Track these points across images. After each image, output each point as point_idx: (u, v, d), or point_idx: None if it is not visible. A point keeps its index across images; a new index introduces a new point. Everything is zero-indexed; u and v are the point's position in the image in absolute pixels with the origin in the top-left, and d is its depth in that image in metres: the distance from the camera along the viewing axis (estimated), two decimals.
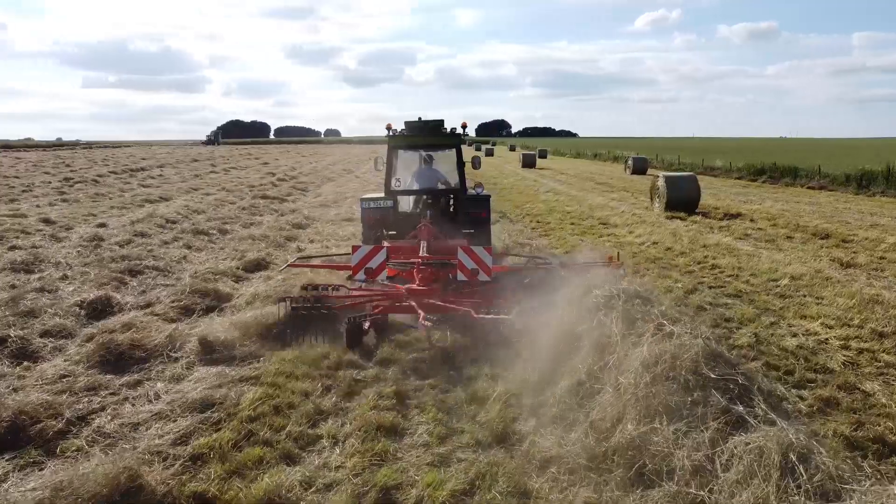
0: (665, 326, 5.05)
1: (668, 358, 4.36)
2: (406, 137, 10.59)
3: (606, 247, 14.76)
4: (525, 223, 19.46)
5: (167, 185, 32.78)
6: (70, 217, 20.03)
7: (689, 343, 4.50)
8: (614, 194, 28.15)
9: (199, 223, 18.37)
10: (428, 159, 11.01)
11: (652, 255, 13.74)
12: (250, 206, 22.84)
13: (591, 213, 21.25)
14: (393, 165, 10.62)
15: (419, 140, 10.63)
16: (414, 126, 10.49)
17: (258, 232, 16.58)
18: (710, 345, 4.51)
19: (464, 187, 10.56)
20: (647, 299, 6.12)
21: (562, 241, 15.87)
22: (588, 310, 6.10)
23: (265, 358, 7.17)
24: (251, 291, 10.00)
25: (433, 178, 10.88)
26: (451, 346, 7.53)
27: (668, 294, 10.17)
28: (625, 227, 18.19)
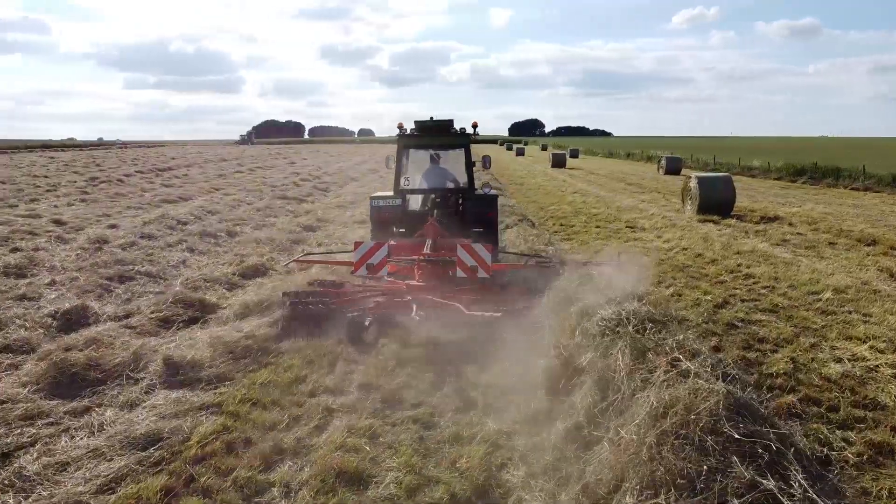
0: (680, 363, 4.16)
1: (681, 409, 3.47)
2: (415, 137, 10.58)
3: (632, 253, 13.79)
4: (547, 226, 18.52)
5: (189, 185, 32.48)
6: (83, 218, 19.68)
7: (707, 389, 3.60)
8: (645, 196, 26.99)
9: (210, 225, 17.83)
10: (435, 158, 10.96)
11: (680, 262, 12.72)
12: (266, 207, 22.27)
13: (619, 216, 20.21)
14: (402, 164, 10.60)
15: (428, 140, 10.64)
16: (423, 126, 10.50)
17: (267, 235, 15.97)
18: (734, 393, 3.60)
19: (472, 186, 10.54)
20: (663, 323, 5.22)
21: (584, 245, 14.91)
22: (593, 336, 5.23)
23: (235, 381, 6.44)
24: (241, 301, 9.31)
25: (442, 178, 10.83)
26: (444, 369, 6.71)
27: (695, 308, 9.20)
28: (653, 230, 17.14)
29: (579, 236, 16.41)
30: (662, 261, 12.87)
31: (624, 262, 9.99)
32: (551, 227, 18.18)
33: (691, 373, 3.97)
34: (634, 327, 5.11)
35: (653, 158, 55.12)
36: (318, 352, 7.28)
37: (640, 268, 9.60)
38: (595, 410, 4.32)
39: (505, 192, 29.03)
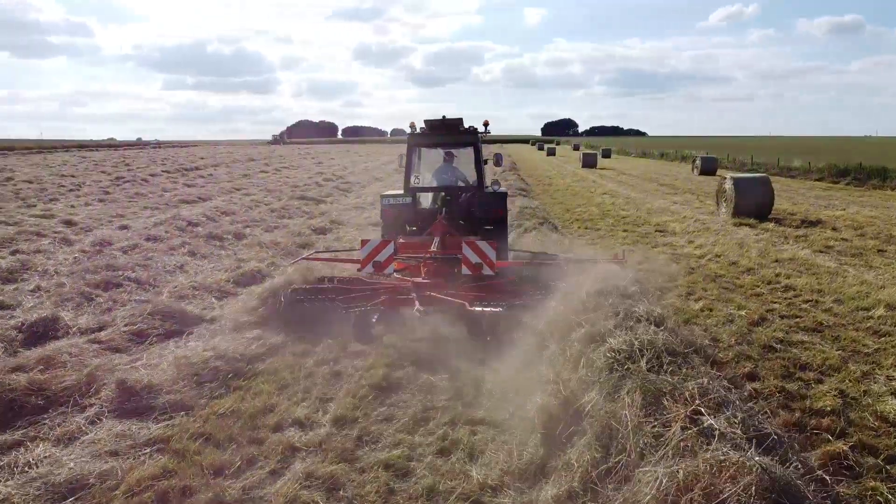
0: (702, 417, 3.25)
1: (700, 495, 2.57)
2: (424, 136, 10.53)
3: (660, 260, 12.78)
4: (572, 229, 17.54)
5: (212, 184, 32.14)
6: (96, 218, 19.28)
7: (736, 463, 2.69)
8: (677, 197, 25.78)
9: (221, 227, 17.24)
10: (447, 157, 10.93)
11: (712, 271, 11.67)
12: (282, 208, 21.66)
13: (649, 219, 19.12)
14: (412, 163, 10.57)
15: (437, 138, 10.60)
16: (433, 125, 10.44)
17: (275, 238, 15.30)
18: (772, 470, 2.68)
19: (481, 185, 10.43)
20: (684, 357, 4.31)
21: (609, 251, 13.91)
22: (599, 369, 4.33)
23: (194, 410, 5.67)
24: (225, 313, 8.59)
25: (452, 176, 10.78)
26: (432, 399, 5.86)
27: (727, 326, 8.20)
28: (684, 235, 16.06)
29: (605, 241, 15.40)
30: (693, 269, 11.84)
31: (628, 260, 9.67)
32: (575, 231, 17.20)
33: (716, 433, 3.06)
34: (648, 362, 4.20)
35: (687, 158, 53.45)
36: (296, 373, 6.50)
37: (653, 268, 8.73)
38: (594, 474, 3.44)
39: (531, 193, 28.07)
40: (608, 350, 4.49)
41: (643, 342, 4.45)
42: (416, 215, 10.22)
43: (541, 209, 20.24)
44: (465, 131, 10.44)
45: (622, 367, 4.21)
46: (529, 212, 17.76)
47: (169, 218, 18.41)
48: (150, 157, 61.89)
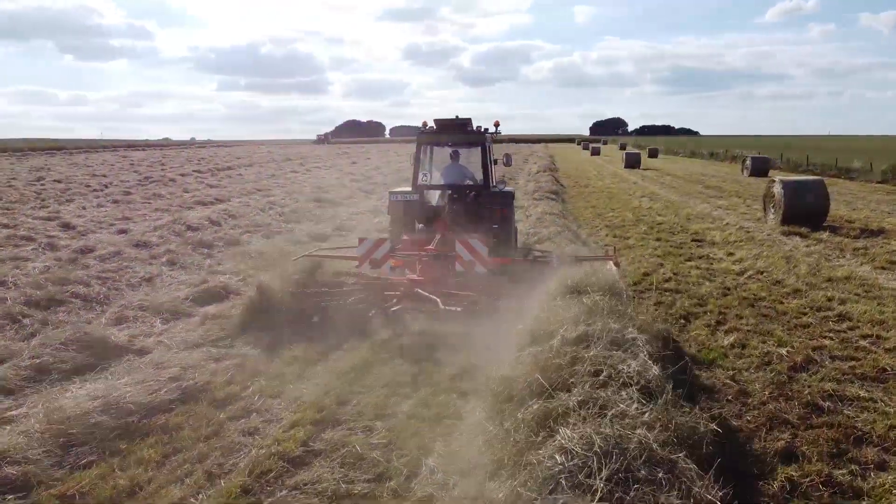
0: None
1: None
2: (433, 134, 10.71)
3: (691, 277, 11.10)
4: (598, 237, 15.90)
5: (237, 185, 31.38)
6: (99, 221, 18.49)
7: None
8: (722, 201, 23.76)
9: (219, 232, 16.20)
10: (454, 156, 10.96)
11: (752, 292, 9.95)
12: (293, 211, 20.57)
13: (686, 226, 17.31)
14: (420, 161, 10.63)
15: (445, 137, 10.75)
16: (442, 124, 10.66)
17: (272, 245, 14.09)
18: None
19: (487, 184, 10.43)
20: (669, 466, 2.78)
21: (633, 264, 12.27)
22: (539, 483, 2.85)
23: (35, 490, 4.36)
24: (162, 341, 7.34)
25: (460, 175, 10.83)
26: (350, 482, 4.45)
27: (761, 371, 6.56)
28: (724, 245, 14.25)
29: (632, 252, 13.73)
30: (728, 290, 10.12)
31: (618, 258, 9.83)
32: (602, 239, 15.55)
33: None
34: (610, 479, 2.68)
35: (737, 158, 50.71)
36: (199, 432, 5.17)
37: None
38: None
39: (563, 195, 26.39)
40: (558, 450, 2.99)
41: (609, 442, 2.93)
42: (423, 212, 10.32)
43: (566, 214, 18.62)
44: (472, 131, 10.55)
45: (568, 487, 2.71)
46: (550, 219, 16.14)
47: (170, 221, 17.47)
48: (189, 157, 62.04)
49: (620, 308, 5.97)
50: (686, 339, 7.70)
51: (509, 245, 10.23)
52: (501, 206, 10.23)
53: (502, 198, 10.40)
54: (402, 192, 10.49)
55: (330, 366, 6.86)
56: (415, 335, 7.44)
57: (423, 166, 10.63)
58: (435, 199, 10.69)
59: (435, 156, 11.28)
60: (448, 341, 6.99)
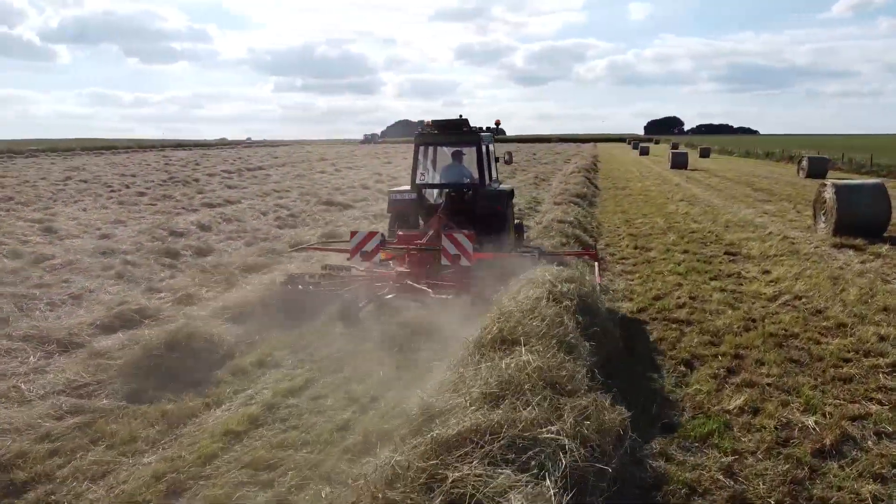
0: None
1: None
2: (431, 135, 10.95)
3: (711, 302, 9.18)
4: (619, 247, 13.99)
5: (257, 185, 30.40)
6: (88, 225, 17.46)
7: None
8: (770, 205, 21.41)
9: (200, 238, 14.96)
10: (456, 155, 11.13)
11: (783, 324, 8.00)
12: (294, 215, 19.27)
13: (722, 235, 15.23)
14: (419, 161, 10.87)
15: (442, 137, 10.97)
16: (439, 124, 10.90)
17: (244, 256, 12.67)
18: None
19: (483, 182, 10.63)
20: None
21: (646, 283, 10.40)
22: None
23: None
24: (21, 384, 5.91)
25: (459, 174, 11.03)
26: None
27: (775, 457, 4.70)
28: (761, 260, 12.20)
29: (650, 267, 11.82)
30: (753, 322, 8.18)
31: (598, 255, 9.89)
32: (622, 250, 13.65)
33: None
34: None
35: (794, 158, 47.39)
36: None
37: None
38: None
39: (596, 198, 24.39)
40: None
41: None
42: (421, 210, 10.61)
43: (593, 219, 16.71)
44: (468, 131, 10.65)
45: None
46: (559, 227, 14.26)
47: (153, 227, 16.35)
48: (227, 157, 61.82)
49: (564, 372, 4.21)
50: (681, 396, 5.86)
51: (505, 241, 10.15)
52: (495, 204, 10.40)
53: (496, 196, 10.58)
54: (401, 190, 10.90)
55: (205, 425, 5.30)
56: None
57: (421, 166, 10.91)
58: (434, 198, 11.03)
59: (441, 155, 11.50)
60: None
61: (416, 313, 7.65)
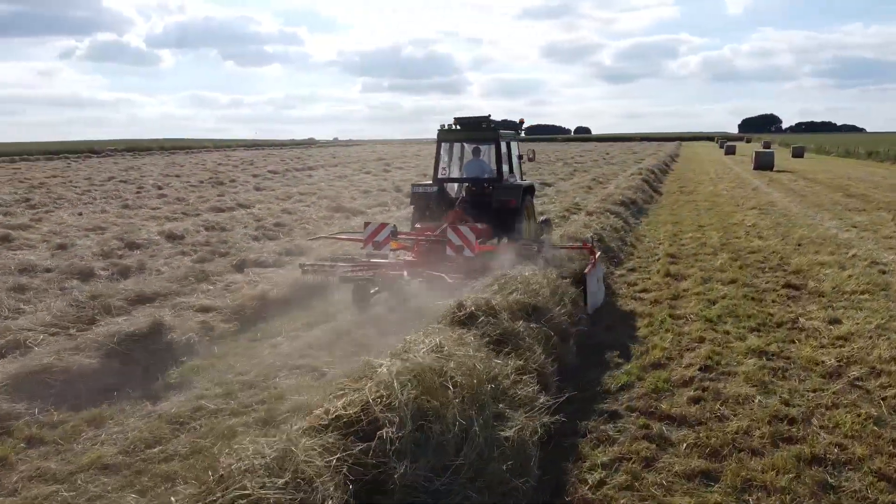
0: None
1: None
2: (452, 132, 11.06)
3: (737, 380, 6.11)
4: (644, 274, 10.90)
5: (285, 187, 28.70)
6: (59, 234, 15.80)
7: None
8: (862, 216, 17.51)
9: (155, 252, 12.95)
10: (476, 151, 11.33)
11: (840, 435, 4.88)
12: (288, 224, 17.00)
13: (789, 257, 11.85)
14: (440, 156, 11.05)
15: (463, 134, 11.18)
16: (460, 122, 11.06)
17: (127, 287, 10.19)
18: None
19: (500, 177, 10.76)
20: None
21: (656, 334, 7.37)
22: None
23: None
24: None
25: (480, 169, 11.15)
26: None
27: None
28: (834, 300, 8.88)
29: (675, 307, 8.74)
30: (789, 426, 5.07)
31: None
32: (649, 278, 10.58)
33: None
34: None
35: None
36: None
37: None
38: None
39: (648, 206, 20.96)
40: None
41: None
42: (442, 203, 10.72)
43: (616, 237, 13.55)
44: (487, 129, 10.87)
45: None
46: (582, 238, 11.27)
47: (110, 237, 14.40)
48: (289, 156, 61.03)
49: None
50: None
51: (519, 234, 10.26)
52: (509, 198, 10.55)
53: (512, 190, 10.72)
54: (423, 184, 11.21)
55: None
56: None
57: (443, 161, 11.08)
58: (455, 192, 11.17)
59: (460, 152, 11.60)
60: None
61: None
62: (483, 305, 5.79)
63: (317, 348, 7.31)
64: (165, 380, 6.26)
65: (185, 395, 5.93)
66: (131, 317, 7.64)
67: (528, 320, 6.01)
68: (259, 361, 6.87)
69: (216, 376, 6.38)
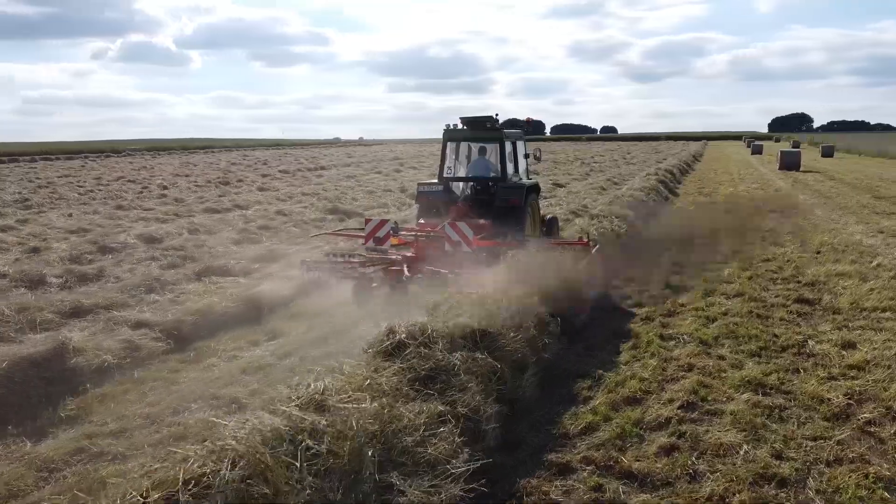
0: None
1: None
2: (457, 132, 11.20)
3: (725, 419, 5.13)
4: (644, 283, 9.91)
5: (290, 188, 28.11)
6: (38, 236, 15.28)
7: None
8: (891, 221, 16.25)
9: (116, 258, 12.15)
10: (482, 151, 11.45)
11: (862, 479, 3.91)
12: (268, 227, 16.21)
13: (806, 266, 10.79)
14: (446, 155, 11.18)
15: (468, 134, 11.28)
16: (465, 122, 11.15)
17: (65, 297, 9.43)
18: None
19: (504, 176, 10.88)
20: None
21: (631, 366, 6.41)
22: None
23: None
24: None
25: (485, 168, 11.24)
26: None
27: None
28: (850, 318, 7.85)
29: (663, 325, 7.76)
30: (779, 490, 4.10)
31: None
32: (647, 289, 9.61)
33: None
34: None
35: None
36: None
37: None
38: None
39: (664, 208, 19.85)
40: None
41: None
42: (448, 201, 10.78)
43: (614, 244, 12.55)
44: (491, 128, 10.96)
45: None
46: None
47: (84, 241, 13.74)
48: (305, 156, 60.56)
49: None
50: None
51: (523, 232, 10.39)
52: (512, 197, 10.63)
53: (515, 189, 10.82)
54: (429, 183, 11.35)
55: None
56: None
57: (449, 160, 11.18)
58: (460, 190, 11.26)
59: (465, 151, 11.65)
60: None
61: None
62: (417, 333, 4.89)
63: (252, 372, 6.47)
64: (59, 413, 5.45)
65: (74, 432, 5.12)
66: (29, 338, 6.82)
67: (474, 349, 5.08)
68: (178, 389, 6.05)
69: (119, 409, 5.56)
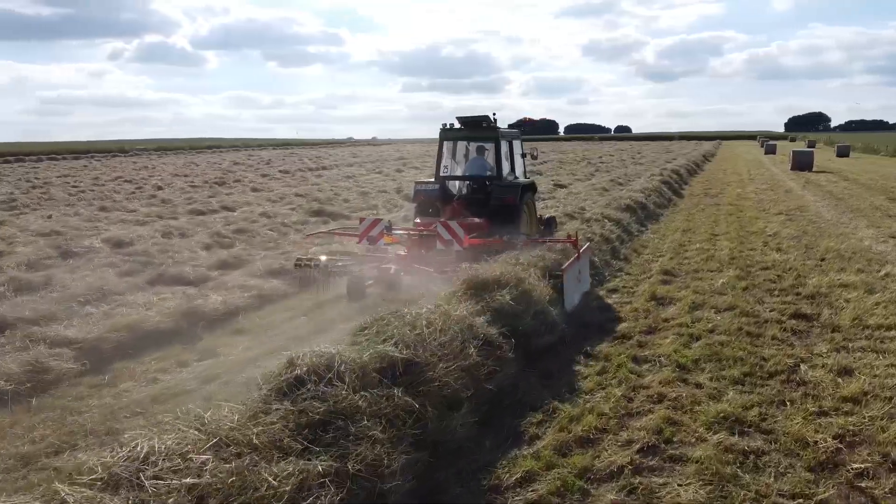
0: None
1: None
2: (453, 131, 11.24)
3: (707, 453, 4.33)
4: (628, 296, 9.08)
5: (285, 188, 27.54)
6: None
7: None
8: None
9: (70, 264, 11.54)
10: (479, 150, 11.43)
11: None
12: (245, 230, 15.51)
13: (808, 275, 9.94)
14: (443, 154, 11.26)
15: (464, 133, 11.32)
16: (461, 121, 11.16)
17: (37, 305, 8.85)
18: None
19: (500, 175, 10.93)
20: None
21: (593, 396, 5.62)
22: None
23: None
24: None
25: (481, 167, 11.28)
26: None
27: None
28: (851, 337, 7.01)
29: (642, 345, 6.96)
30: None
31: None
32: (632, 302, 8.80)
33: None
34: None
35: None
36: None
37: None
38: None
39: (663, 211, 18.98)
40: None
41: None
42: (444, 200, 10.83)
43: (612, 247, 11.77)
44: (487, 128, 10.96)
45: None
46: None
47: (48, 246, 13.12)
48: (310, 156, 60.05)
49: None
50: None
51: (519, 230, 10.42)
52: (506, 196, 10.65)
53: (510, 188, 10.83)
54: (426, 182, 11.32)
55: None
56: None
57: (445, 159, 11.26)
58: (457, 189, 11.31)
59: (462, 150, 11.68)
60: None
61: None
62: (322, 367, 4.13)
63: (164, 400, 5.75)
64: None
65: None
66: None
67: (392, 385, 4.32)
68: (74, 421, 5.33)
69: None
